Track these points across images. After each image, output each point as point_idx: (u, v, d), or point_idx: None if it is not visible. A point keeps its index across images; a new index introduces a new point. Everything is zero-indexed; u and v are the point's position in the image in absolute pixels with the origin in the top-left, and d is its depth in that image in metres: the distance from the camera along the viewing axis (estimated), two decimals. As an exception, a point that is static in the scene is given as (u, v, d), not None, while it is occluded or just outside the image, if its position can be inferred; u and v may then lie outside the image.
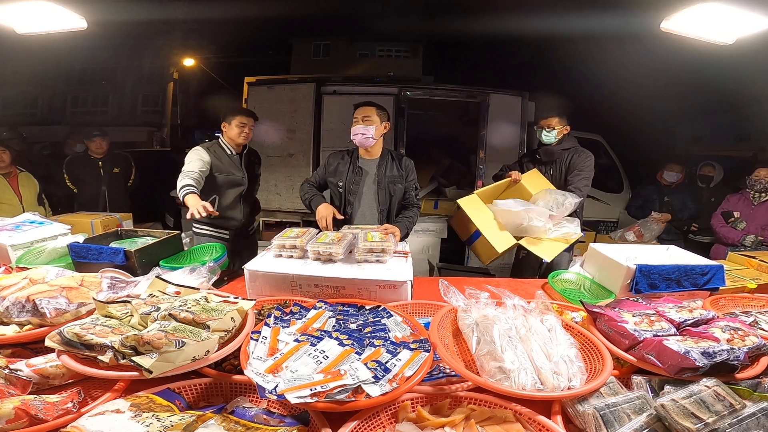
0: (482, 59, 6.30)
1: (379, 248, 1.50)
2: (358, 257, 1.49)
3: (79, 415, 0.76)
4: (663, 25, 2.24)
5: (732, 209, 3.03)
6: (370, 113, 2.06)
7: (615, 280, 1.48)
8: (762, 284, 1.56)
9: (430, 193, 5.42)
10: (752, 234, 2.87)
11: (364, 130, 2.03)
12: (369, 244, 1.50)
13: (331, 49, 6.63)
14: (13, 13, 2.24)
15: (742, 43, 2.25)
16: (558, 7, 4.16)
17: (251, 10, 4.46)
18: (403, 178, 2.14)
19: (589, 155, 2.46)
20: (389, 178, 2.11)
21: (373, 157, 2.15)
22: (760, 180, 2.90)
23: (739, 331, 1.00)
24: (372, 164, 2.14)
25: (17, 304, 1.05)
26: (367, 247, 1.49)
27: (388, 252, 1.50)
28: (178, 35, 6.60)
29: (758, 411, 0.78)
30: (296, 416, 0.82)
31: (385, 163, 2.13)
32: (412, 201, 2.20)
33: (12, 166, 3.10)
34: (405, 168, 2.16)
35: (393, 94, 4.92)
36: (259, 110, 5.07)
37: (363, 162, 2.15)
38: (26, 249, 1.62)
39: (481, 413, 0.84)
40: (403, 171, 2.15)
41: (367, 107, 2.09)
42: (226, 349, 0.92)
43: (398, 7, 5.20)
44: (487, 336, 0.97)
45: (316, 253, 1.49)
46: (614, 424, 0.78)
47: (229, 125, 2.26)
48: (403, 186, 2.14)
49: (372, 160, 2.15)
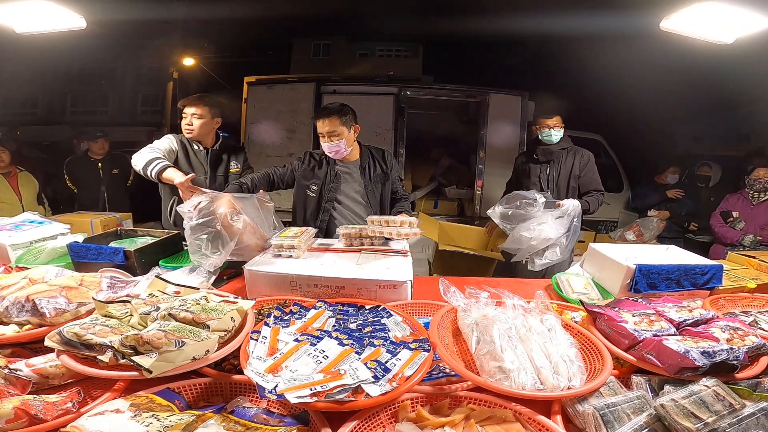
0: (482, 59, 6.30)
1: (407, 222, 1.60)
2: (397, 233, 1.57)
3: (78, 415, 0.75)
4: (662, 25, 2.24)
5: (731, 209, 3.04)
6: (334, 126, 1.87)
7: (615, 280, 1.48)
8: (761, 284, 1.56)
9: (430, 193, 5.42)
10: (751, 234, 2.87)
11: (335, 147, 1.91)
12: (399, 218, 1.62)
13: (331, 48, 6.63)
14: (13, 13, 2.24)
15: (742, 43, 2.25)
16: (558, 7, 4.16)
17: (251, 10, 4.46)
18: (388, 174, 2.09)
19: (590, 155, 2.50)
20: (375, 177, 2.04)
21: (352, 160, 2.05)
22: (759, 180, 2.91)
23: (739, 331, 1.00)
24: (352, 167, 2.04)
25: (17, 304, 1.05)
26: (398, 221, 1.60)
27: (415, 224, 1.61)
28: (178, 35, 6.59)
29: (758, 411, 0.78)
30: (296, 416, 0.82)
31: (367, 163, 2.04)
32: (400, 192, 2.16)
33: (12, 166, 3.10)
34: (388, 163, 2.10)
35: (393, 93, 4.92)
36: (259, 110, 5.09)
37: (342, 166, 2.03)
38: (26, 249, 1.62)
39: (480, 413, 0.84)
40: (387, 166, 2.09)
41: (326, 120, 1.87)
42: (225, 349, 0.92)
43: (398, 7, 5.20)
44: (486, 336, 0.97)
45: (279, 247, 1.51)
46: (614, 424, 0.78)
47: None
48: (390, 181, 2.09)
49: (352, 162, 2.04)
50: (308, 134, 5.04)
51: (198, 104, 2.03)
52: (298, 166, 2.07)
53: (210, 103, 2.02)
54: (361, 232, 1.70)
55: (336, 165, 2.03)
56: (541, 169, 2.51)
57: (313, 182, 2.01)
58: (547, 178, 2.48)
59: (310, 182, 2.02)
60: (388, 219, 1.62)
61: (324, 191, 2.00)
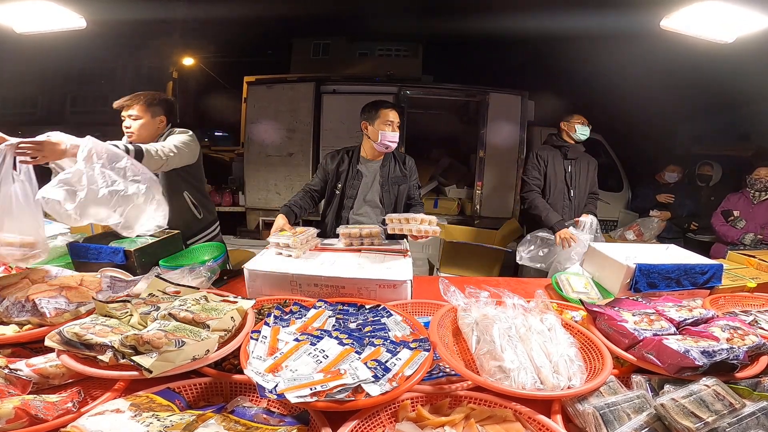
0: (482, 59, 6.30)
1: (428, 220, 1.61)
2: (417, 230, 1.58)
3: (79, 415, 0.75)
4: (663, 24, 2.24)
5: (732, 208, 3.05)
6: (399, 119, 2.01)
7: (615, 279, 1.48)
8: (762, 283, 1.56)
9: (431, 192, 5.42)
10: (751, 232, 2.88)
11: (396, 138, 1.99)
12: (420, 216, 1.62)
13: (331, 48, 6.62)
14: (13, 13, 2.24)
15: (742, 42, 2.25)
16: (558, 6, 4.16)
17: (251, 10, 4.46)
18: (407, 177, 2.12)
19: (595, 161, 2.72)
20: (394, 179, 2.07)
21: (376, 159, 2.09)
22: (761, 179, 2.92)
23: (739, 330, 1.00)
24: (374, 165, 2.08)
25: (17, 304, 1.05)
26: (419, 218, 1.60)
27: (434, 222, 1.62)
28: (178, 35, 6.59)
29: (758, 410, 0.78)
30: (296, 416, 0.82)
31: (388, 164, 2.08)
32: (416, 199, 2.18)
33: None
34: (408, 168, 2.14)
35: (393, 93, 4.93)
36: (259, 110, 5.10)
37: (364, 163, 2.09)
38: (26, 249, 1.61)
39: (480, 412, 0.84)
40: (407, 171, 2.13)
41: (396, 111, 2.00)
42: (225, 349, 0.92)
43: (398, 7, 5.20)
44: (486, 335, 0.97)
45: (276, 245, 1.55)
46: (614, 423, 0.78)
47: None
48: (407, 185, 2.12)
49: (375, 161, 2.09)
50: (308, 134, 5.04)
51: (133, 105, 1.84)
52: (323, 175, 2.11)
53: (148, 102, 1.83)
54: (361, 232, 1.70)
55: (358, 163, 2.07)
56: (568, 165, 2.57)
57: (338, 180, 2.07)
58: (572, 176, 2.56)
59: (336, 181, 2.08)
60: (408, 217, 1.63)
61: (345, 187, 2.05)
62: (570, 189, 2.57)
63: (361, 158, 2.09)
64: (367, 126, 2.03)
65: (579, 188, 2.59)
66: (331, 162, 2.09)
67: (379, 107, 1.99)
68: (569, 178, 2.57)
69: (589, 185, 2.65)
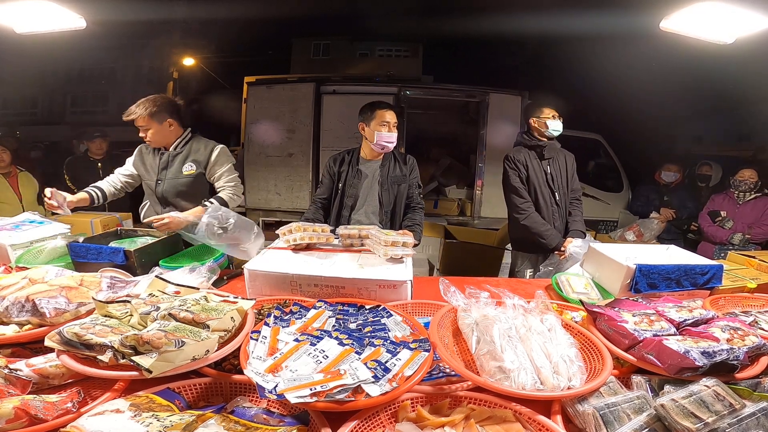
0: (482, 59, 6.31)
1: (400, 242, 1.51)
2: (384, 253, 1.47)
3: (78, 415, 0.75)
4: (662, 25, 2.24)
5: (717, 208, 3.07)
6: (396, 119, 2.01)
7: (615, 280, 1.48)
8: (762, 284, 1.56)
9: (430, 193, 5.42)
10: (739, 232, 2.90)
11: (393, 138, 2.00)
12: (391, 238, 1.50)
13: (331, 48, 6.63)
14: (13, 13, 2.24)
15: (742, 43, 2.25)
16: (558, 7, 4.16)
17: (251, 10, 4.47)
18: (406, 177, 2.12)
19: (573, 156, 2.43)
20: (393, 178, 2.08)
21: (375, 159, 2.10)
22: (745, 180, 2.96)
23: (739, 331, 1.00)
24: (374, 165, 2.10)
25: (17, 304, 1.05)
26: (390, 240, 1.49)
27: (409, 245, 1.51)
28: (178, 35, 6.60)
29: (758, 411, 0.78)
30: (296, 416, 0.82)
31: (388, 163, 2.10)
32: (416, 200, 2.18)
33: (12, 166, 3.11)
34: (409, 166, 2.14)
35: (393, 93, 4.92)
36: (259, 110, 5.10)
37: (364, 163, 2.10)
38: (26, 248, 1.61)
39: (480, 413, 0.84)
40: (407, 170, 2.13)
41: (392, 112, 2.01)
42: (225, 349, 0.92)
43: (398, 7, 5.20)
44: (486, 336, 0.97)
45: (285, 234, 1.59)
46: (614, 424, 0.78)
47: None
48: (407, 185, 2.12)
49: (374, 161, 2.10)
50: (308, 134, 5.04)
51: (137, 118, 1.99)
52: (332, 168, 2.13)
53: (150, 113, 1.96)
54: (360, 233, 1.70)
55: (358, 164, 2.09)
56: (546, 166, 2.31)
57: (339, 180, 2.10)
58: (553, 177, 2.31)
59: (338, 182, 2.10)
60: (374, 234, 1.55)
61: (346, 186, 2.07)
62: (554, 192, 2.30)
63: (361, 159, 2.11)
64: (364, 127, 2.05)
65: (561, 189, 2.34)
66: (334, 164, 2.13)
67: (375, 108, 2.00)
68: (551, 180, 2.30)
69: (571, 182, 2.38)
